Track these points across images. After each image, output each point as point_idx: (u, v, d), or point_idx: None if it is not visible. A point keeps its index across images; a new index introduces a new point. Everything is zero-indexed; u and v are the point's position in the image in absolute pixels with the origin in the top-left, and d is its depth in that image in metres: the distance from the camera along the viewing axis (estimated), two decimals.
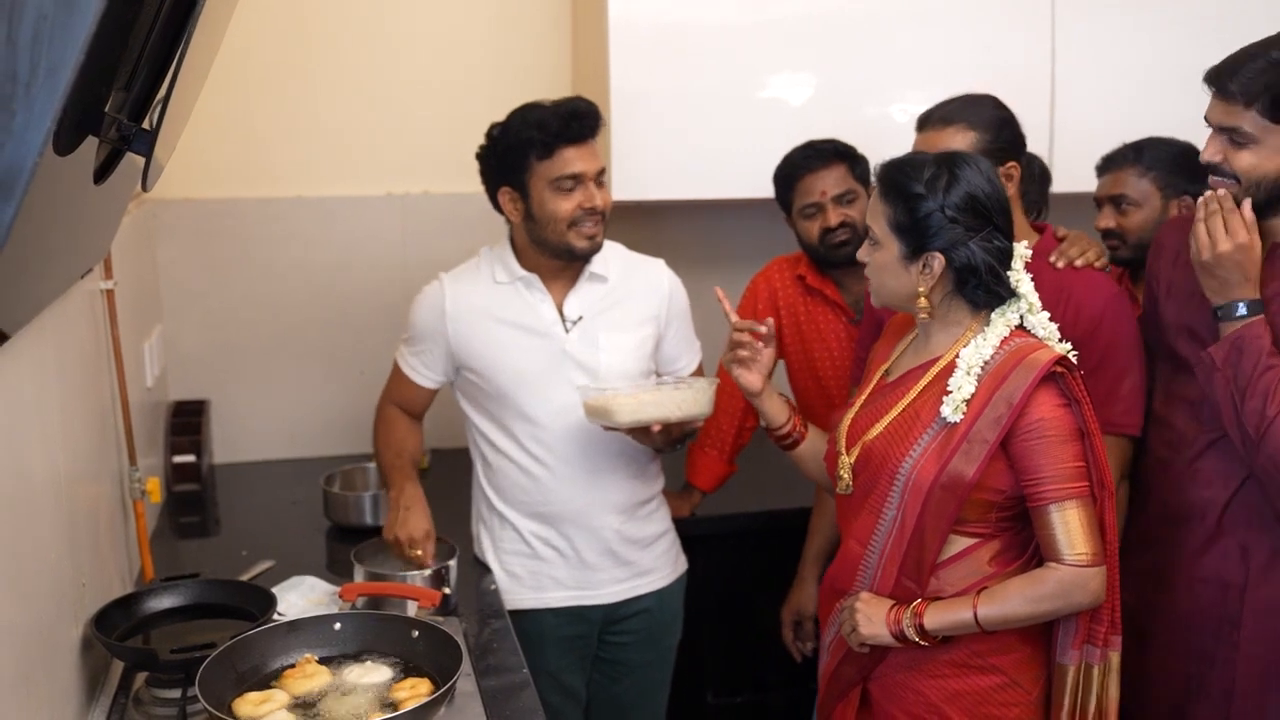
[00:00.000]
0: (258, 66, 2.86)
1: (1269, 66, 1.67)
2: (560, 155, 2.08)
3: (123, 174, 1.44)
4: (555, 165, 2.08)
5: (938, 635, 1.67)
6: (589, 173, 2.10)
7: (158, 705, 1.64)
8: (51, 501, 1.48)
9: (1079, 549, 1.61)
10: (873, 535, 1.73)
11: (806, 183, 2.44)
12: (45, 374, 1.48)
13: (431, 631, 1.66)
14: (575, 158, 2.08)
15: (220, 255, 2.91)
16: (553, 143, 2.07)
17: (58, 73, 0.93)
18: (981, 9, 2.84)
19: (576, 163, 2.08)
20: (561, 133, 2.07)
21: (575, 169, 2.08)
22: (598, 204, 2.11)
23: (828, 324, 2.51)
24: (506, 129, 2.12)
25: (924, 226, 1.65)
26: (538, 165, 2.09)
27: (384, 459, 2.28)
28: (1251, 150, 1.71)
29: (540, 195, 2.10)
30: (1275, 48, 1.68)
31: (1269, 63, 1.67)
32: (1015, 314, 1.70)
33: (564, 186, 2.08)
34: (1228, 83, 1.70)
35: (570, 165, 2.08)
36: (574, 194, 2.09)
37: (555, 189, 2.08)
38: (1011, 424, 1.62)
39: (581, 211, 2.10)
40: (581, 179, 2.09)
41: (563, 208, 2.09)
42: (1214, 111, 1.75)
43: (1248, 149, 1.71)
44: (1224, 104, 1.72)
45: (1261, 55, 1.68)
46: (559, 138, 2.07)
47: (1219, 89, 1.73)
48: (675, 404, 2.05)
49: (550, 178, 2.08)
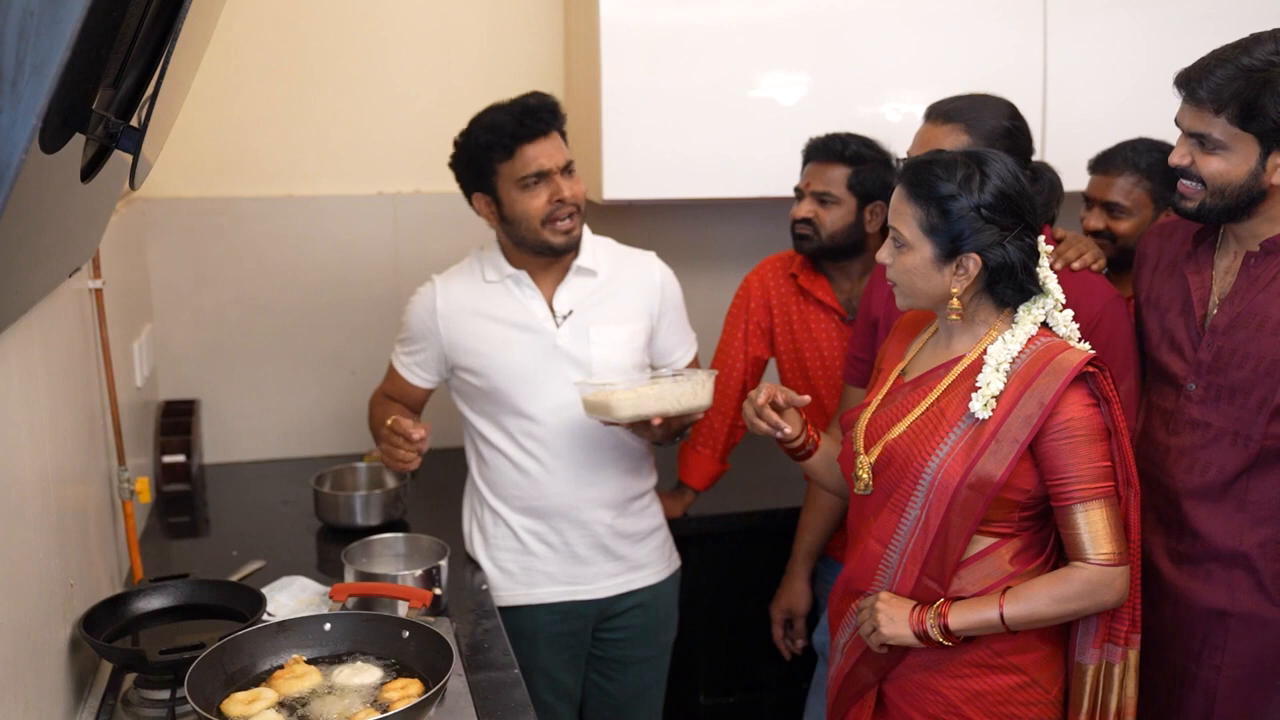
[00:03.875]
0: (248, 65, 2.85)
1: (1239, 73, 1.65)
2: (521, 154, 2.08)
3: (111, 172, 1.43)
4: (518, 165, 2.08)
5: (961, 635, 1.66)
6: (554, 167, 2.09)
7: (146, 706, 1.63)
8: (39, 502, 1.47)
9: (1104, 549, 1.61)
10: (894, 535, 1.71)
11: (808, 168, 2.46)
12: (33, 374, 1.47)
13: (422, 632, 1.65)
14: (537, 154, 2.08)
15: (210, 254, 2.90)
16: (511, 143, 2.07)
17: (44, 70, 0.92)
18: (974, 9, 2.85)
19: (539, 158, 2.08)
20: (517, 132, 2.07)
21: (538, 165, 2.08)
22: (566, 195, 2.10)
23: (819, 323, 2.50)
24: (468, 136, 2.13)
25: (958, 228, 1.63)
26: (502, 167, 2.09)
27: (374, 419, 2.28)
28: (1220, 156, 1.70)
29: (510, 196, 2.10)
30: (1245, 53, 1.66)
31: (1239, 69, 1.65)
32: (1041, 311, 1.69)
33: (530, 184, 2.08)
34: (1198, 89, 1.69)
35: (533, 162, 2.08)
36: (542, 189, 2.09)
37: (522, 188, 2.08)
38: (1042, 424, 1.61)
39: (552, 206, 2.09)
40: (547, 174, 2.09)
41: (533, 205, 2.09)
42: (1184, 116, 1.74)
43: (1216, 154, 1.70)
44: (1194, 109, 1.71)
45: (1232, 61, 1.66)
46: (516, 137, 2.07)
47: (1189, 94, 1.71)
48: (675, 397, 2.05)
49: (515, 178, 2.08)
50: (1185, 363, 1.82)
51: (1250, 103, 1.64)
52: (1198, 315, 1.82)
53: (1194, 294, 1.83)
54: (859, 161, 2.39)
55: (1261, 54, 1.65)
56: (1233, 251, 1.81)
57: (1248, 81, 1.64)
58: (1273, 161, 1.67)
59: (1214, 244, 1.85)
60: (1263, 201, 1.72)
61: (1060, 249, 2.00)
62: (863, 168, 2.39)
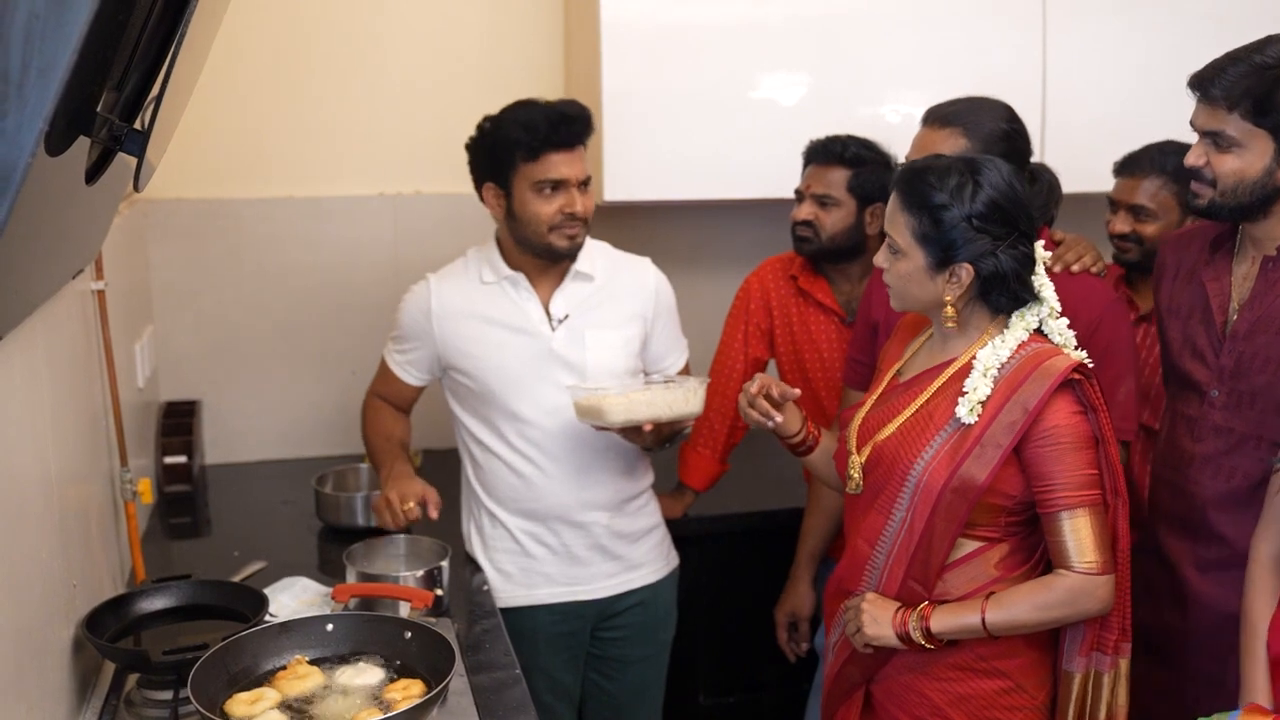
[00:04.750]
0: (251, 67, 2.85)
1: (1252, 70, 1.66)
2: (546, 159, 2.07)
3: (114, 174, 1.43)
4: (540, 169, 2.08)
5: (943, 638, 1.66)
6: (573, 179, 2.10)
7: (149, 707, 1.64)
8: (42, 503, 1.48)
9: (1088, 557, 1.61)
10: (881, 536, 1.72)
11: (808, 171, 2.46)
12: (36, 375, 1.48)
13: (424, 632, 1.66)
14: (560, 163, 2.08)
15: (212, 255, 2.90)
16: (540, 146, 2.06)
17: (50, 73, 0.93)
18: (973, 10, 2.85)
19: (561, 168, 2.08)
20: (549, 137, 2.07)
21: (559, 174, 2.08)
22: (579, 210, 2.11)
23: (818, 325, 2.51)
24: (497, 125, 2.11)
25: (950, 238, 1.63)
26: (523, 166, 2.09)
27: (373, 444, 2.30)
28: (1235, 154, 1.71)
29: (523, 195, 2.10)
30: (1258, 52, 1.68)
31: (1252, 67, 1.67)
32: (1035, 318, 1.69)
33: (547, 190, 2.09)
34: (1211, 87, 1.70)
35: (554, 170, 2.08)
36: (556, 198, 2.09)
37: (538, 191, 2.09)
38: (1026, 430, 1.61)
39: (562, 216, 2.10)
40: (565, 185, 2.09)
41: (544, 211, 2.09)
42: (1199, 116, 1.75)
43: (1231, 152, 1.71)
44: (1208, 108, 1.72)
45: (1245, 60, 1.68)
46: (546, 142, 2.07)
47: (1203, 94, 1.73)
48: (666, 403, 2.06)
49: (534, 180, 2.08)
50: (1208, 369, 1.83)
51: (1263, 98, 1.66)
52: (1218, 322, 1.82)
53: (1213, 301, 1.83)
54: (859, 164, 2.40)
55: (1274, 52, 1.66)
56: (1250, 257, 1.81)
57: (1260, 78, 1.66)
58: None
59: (1231, 250, 1.85)
60: (1277, 200, 1.73)
61: (1059, 252, 2.00)
62: (862, 170, 2.39)
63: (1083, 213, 2.71)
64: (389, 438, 2.28)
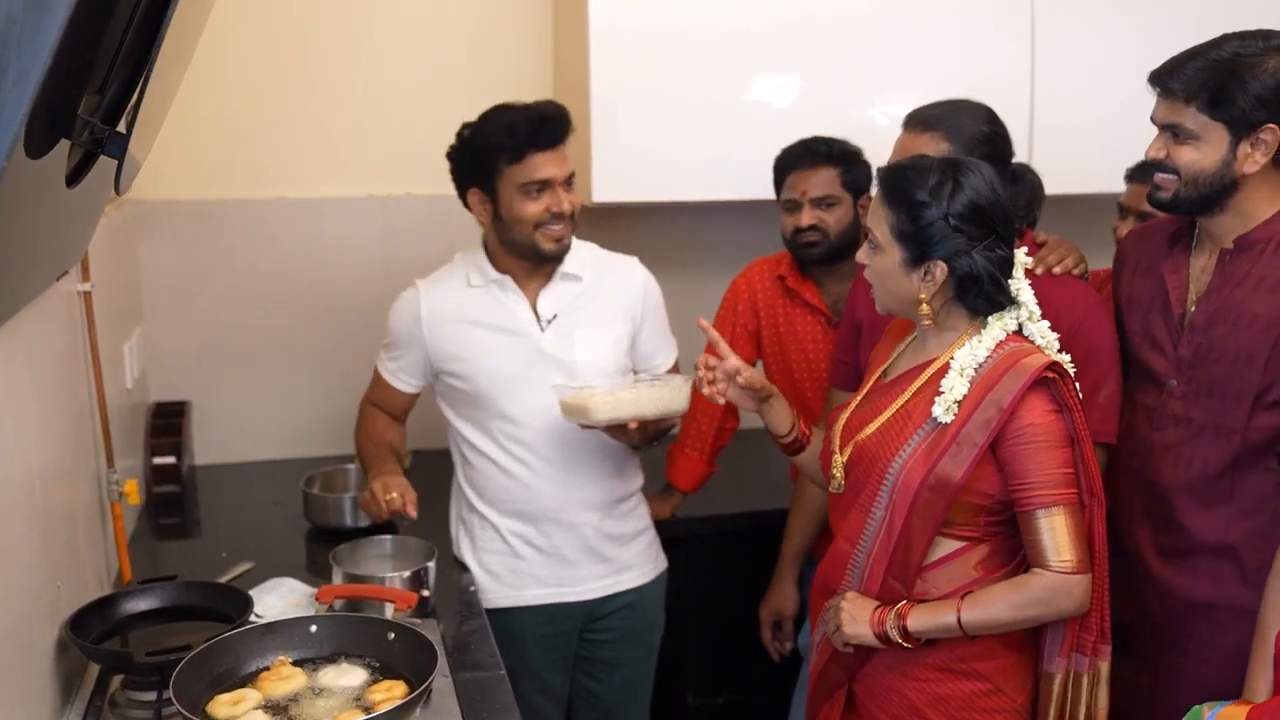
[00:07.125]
0: (240, 68, 2.85)
1: (1209, 65, 1.71)
2: (529, 160, 2.09)
3: (97, 176, 1.43)
4: (524, 170, 2.09)
5: (921, 638, 1.66)
6: (557, 178, 2.11)
7: (134, 708, 1.64)
8: (26, 504, 1.48)
9: (1064, 556, 1.61)
10: (861, 535, 1.73)
11: (793, 178, 2.47)
12: (20, 377, 1.48)
13: (407, 634, 1.66)
14: (544, 163, 2.09)
15: (202, 256, 2.90)
16: (522, 148, 2.08)
17: (27, 76, 0.93)
18: (962, 12, 2.86)
19: (546, 168, 2.09)
20: (531, 138, 2.08)
21: (544, 174, 2.09)
22: (565, 208, 2.12)
23: (805, 326, 2.52)
24: (477, 131, 2.13)
25: (927, 235, 1.65)
26: (507, 170, 2.10)
27: (364, 449, 2.31)
28: (1192, 145, 1.75)
29: (509, 198, 2.11)
30: (1215, 48, 1.73)
31: (1209, 61, 1.72)
32: (1013, 320, 1.70)
33: (532, 191, 2.10)
34: (1170, 81, 1.75)
35: (539, 171, 2.09)
36: (542, 198, 2.11)
37: (523, 193, 2.10)
38: (1001, 427, 1.62)
39: (549, 215, 2.11)
40: (550, 184, 2.11)
41: (530, 211, 2.11)
42: (1158, 110, 1.80)
43: (1188, 144, 1.75)
44: (1167, 102, 1.77)
45: (1202, 55, 1.73)
46: (529, 143, 2.08)
47: (1162, 88, 1.77)
48: (652, 401, 2.06)
49: (519, 182, 2.09)
50: (1166, 360, 1.85)
51: (1218, 90, 1.70)
52: (1176, 314, 1.85)
53: (1172, 293, 1.87)
54: (846, 159, 2.42)
55: (1230, 48, 1.72)
56: (1208, 250, 1.85)
57: (1216, 72, 1.71)
58: (1243, 150, 1.72)
59: (1189, 244, 1.89)
60: (1234, 193, 1.76)
61: (1042, 254, 2.00)
62: (852, 164, 2.43)
63: (1070, 214, 2.72)
64: (379, 443, 2.29)
